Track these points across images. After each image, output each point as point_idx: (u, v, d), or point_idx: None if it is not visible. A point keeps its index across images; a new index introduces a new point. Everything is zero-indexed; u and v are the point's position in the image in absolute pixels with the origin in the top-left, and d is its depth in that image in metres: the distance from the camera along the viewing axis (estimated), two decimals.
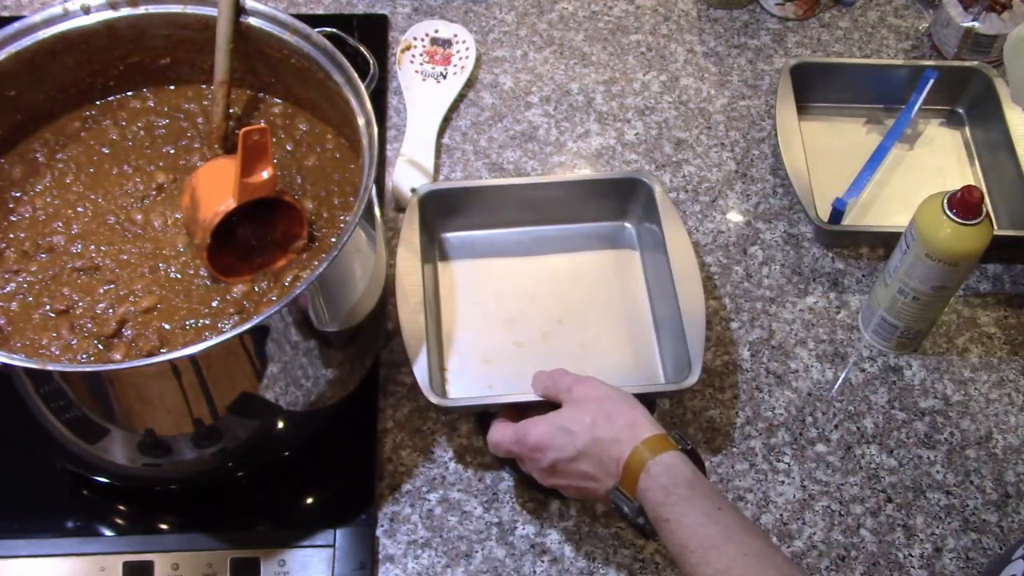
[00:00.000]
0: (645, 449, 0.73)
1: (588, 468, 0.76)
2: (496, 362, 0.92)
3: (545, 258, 0.99)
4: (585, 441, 0.76)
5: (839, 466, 0.90)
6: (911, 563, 0.86)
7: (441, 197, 0.97)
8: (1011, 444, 0.92)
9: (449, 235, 1.00)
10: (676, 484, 0.71)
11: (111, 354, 0.75)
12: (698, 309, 0.88)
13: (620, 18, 1.22)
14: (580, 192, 0.99)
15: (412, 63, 1.15)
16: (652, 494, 0.72)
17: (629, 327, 0.94)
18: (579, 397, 0.79)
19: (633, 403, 0.78)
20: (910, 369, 0.96)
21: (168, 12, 0.85)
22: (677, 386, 0.85)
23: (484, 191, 0.99)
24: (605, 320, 0.95)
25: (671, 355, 0.91)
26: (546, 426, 0.78)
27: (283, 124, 0.90)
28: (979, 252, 0.86)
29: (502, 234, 1.00)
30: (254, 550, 0.82)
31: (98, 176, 0.86)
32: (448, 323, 0.94)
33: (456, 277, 0.98)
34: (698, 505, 0.71)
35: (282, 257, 0.81)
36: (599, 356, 0.93)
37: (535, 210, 0.99)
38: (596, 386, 0.79)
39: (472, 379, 0.91)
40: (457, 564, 0.84)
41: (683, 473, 0.72)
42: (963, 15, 1.14)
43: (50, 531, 0.83)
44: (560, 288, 0.97)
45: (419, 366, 0.85)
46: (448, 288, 0.97)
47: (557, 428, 0.77)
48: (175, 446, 0.74)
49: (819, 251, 1.04)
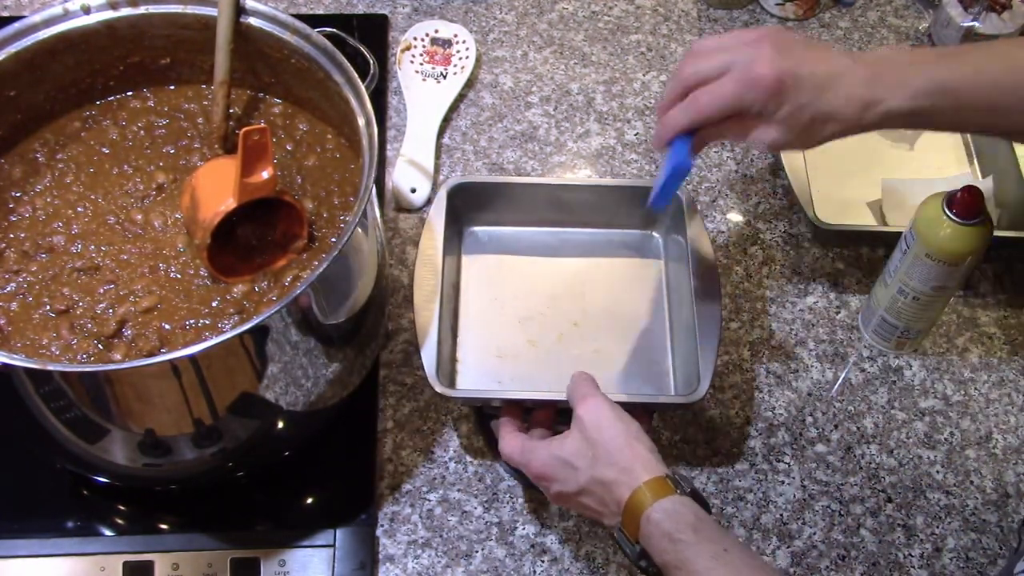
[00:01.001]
0: (645, 492, 0.71)
1: (591, 503, 0.75)
2: (508, 359, 0.92)
3: (569, 260, 0.99)
4: (586, 478, 0.74)
5: (839, 466, 0.90)
6: (911, 563, 0.86)
7: (471, 190, 0.97)
8: (1011, 444, 0.92)
9: (476, 228, 1.00)
10: (679, 530, 0.70)
11: (111, 354, 0.75)
12: (713, 326, 0.88)
13: (620, 18, 1.22)
14: (611, 197, 0.98)
15: (412, 63, 1.15)
16: (655, 541, 0.70)
17: (644, 337, 0.94)
18: (584, 422, 0.76)
19: (635, 437, 0.75)
20: (910, 369, 0.96)
21: (168, 12, 0.85)
22: (685, 399, 0.85)
23: (515, 188, 0.98)
24: (621, 328, 0.95)
25: (682, 367, 0.91)
26: (549, 457, 0.77)
27: (283, 124, 0.90)
28: (979, 252, 0.86)
29: (528, 232, 1.00)
30: (254, 550, 0.82)
31: (98, 176, 0.86)
32: (464, 315, 0.94)
33: (478, 271, 0.98)
34: (704, 549, 0.69)
35: (282, 257, 0.81)
36: (611, 362, 0.92)
37: (564, 211, 0.99)
38: (601, 412, 0.76)
39: (481, 373, 0.91)
40: (457, 564, 0.84)
41: (685, 517, 0.70)
42: (963, 15, 1.14)
43: (50, 531, 0.83)
44: (580, 291, 0.97)
45: (427, 354, 0.85)
46: (469, 281, 0.97)
47: (560, 461, 0.76)
48: (175, 446, 0.74)
49: (819, 251, 1.04)
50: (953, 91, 0.74)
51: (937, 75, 0.74)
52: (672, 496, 0.71)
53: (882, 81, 0.74)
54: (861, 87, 0.74)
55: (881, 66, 0.75)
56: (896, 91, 0.74)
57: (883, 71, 0.75)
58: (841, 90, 0.74)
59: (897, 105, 0.74)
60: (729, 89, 0.74)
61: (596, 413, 0.76)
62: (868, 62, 0.75)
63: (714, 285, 0.90)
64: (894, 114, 0.75)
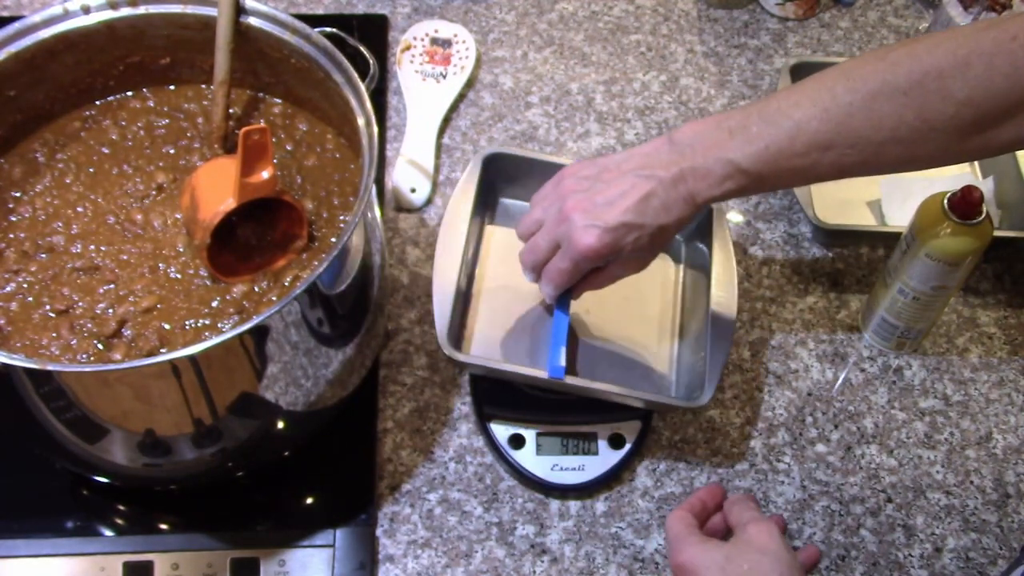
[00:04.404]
0: None
1: None
2: (515, 335, 0.92)
3: None
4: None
5: (839, 466, 0.90)
6: (911, 563, 0.86)
7: (507, 161, 0.97)
8: (1011, 444, 0.92)
9: (507, 200, 1.00)
10: None
11: (111, 354, 0.75)
12: (726, 337, 0.88)
13: (620, 18, 1.22)
14: None
15: (412, 63, 1.15)
16: None
17: (652, 335, 0.94)
18: (751, 537, 0.75)
19: (790, 570, 0.73)
20: (910, 369, 0.96)
21: (168, 12, 0.85)
22: (689, 403, 0.85)
23: (551, 167, 0.96)
24: (630, 322, 0.94)
25: (686, 371, 0.90)
26: (703, 553, 0.74)
27: (283, 124, 0.90)
28: (979, 252, 0.86)
29: None
30: (254, 550, 0.82)
31: (98, 176, 0.86)
32: (480, 285, 0.94)
33: (502, 242, 0.97)
34: None
35: (282, 257, 0.81)
36: (616, 354, 0.92)
37: None
38: (771, 535, 0.75)
39: (489, 345, 0.91)
40: (457, 564, 0.84)
41: None
42: (963, 15, 1.14)
43: (50, 531, 0.83)
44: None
45: (440, 319, 0.85)
46: (491, 251, 0.97)
47: (711, 561, 0.74)
48: (175, 446, 0.74)
49: (819, 251, 1.04)
50: (773, 158, 0.73)
51: (749, 150, 0.73)
52: None
53: (693, 175, 0.75)
54: (675, 191, 0.76)
55: (688, 154, 0.75)
56: (701, 183, 0.75)
57: (691, 161, 0.75)
58: (658, 201, 0.76)
59: (709, 194, 0.75)
60: (568, 266, 0.79)
61: (768, 534, 0.75)
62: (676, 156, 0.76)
63: (731, 297, 0.90)
64: (716, 200, 0.76)
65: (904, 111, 0.69)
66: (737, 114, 0.75)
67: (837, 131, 0.71)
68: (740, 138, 0.73)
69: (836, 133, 0.71)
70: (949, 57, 0.68)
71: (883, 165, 0.73)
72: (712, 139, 0.75)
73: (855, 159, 0.72)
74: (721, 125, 0.75)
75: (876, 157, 0.71)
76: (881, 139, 0.70)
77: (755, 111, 0.74)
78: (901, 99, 0.69)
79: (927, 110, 0.69)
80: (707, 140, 0.75)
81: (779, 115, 0.73)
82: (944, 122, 0.69)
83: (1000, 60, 0.66)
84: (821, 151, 0.72)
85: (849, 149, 0.71)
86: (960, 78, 0.67)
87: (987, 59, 0.67)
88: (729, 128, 0.74)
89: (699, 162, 0.75)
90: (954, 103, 0.68)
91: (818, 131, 0.71)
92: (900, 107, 0.69)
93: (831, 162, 0.72)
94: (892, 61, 0.70)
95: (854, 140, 0.71)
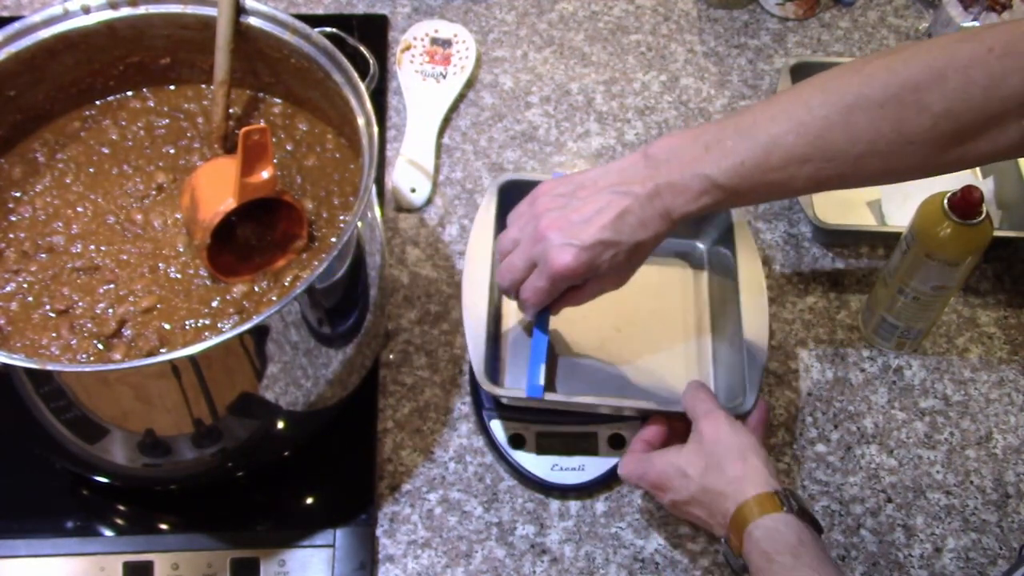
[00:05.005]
0: (752, 507, 0.71)
1: (701, 513, 0.76)
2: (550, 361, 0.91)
3: None
4: (697, 487, 0.75)
5: (839, 466, 0.90)
6: (911, 563, 0.86)
7: (523, 188, 0.96)
8: (1011, 444, 0.92)
9: None
10: (778, 551, 0.69)
11: (111, 354, 0.75)
12: (762, 342, 0.87)
13: (620, 18, 1.22)
14: None
15: (412, 63, 1.15)
16: (755, 558, 0.70)
17: (686, 347, 0.93)
18: (703, 434, 0.77)
19: (748, 452, 0.75)
20: (910, 369, 0.96)
21: (168, 12, 0.85)
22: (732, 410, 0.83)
23: None
24: (663, 335, 0.94)
25: (724, 378, 0.90)
26: (665, 465, 0.78)
27: (283, 124, 0.90)
28: (979, 252, 0.86)
29: None
30: (254, 550, 0.82)
31: (98, 176, 0.86)
32: (508, 317, 0.93)
33: None
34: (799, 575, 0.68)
35: (282, 257, 0.81)
36: (651, 371, 0.91)
37: None
38: (718, 426, 0.77)
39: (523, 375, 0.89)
40: (457, 564, 0.84)
41: (785, 538, 0.69)
42: (963, 15, 1.14)
43: (50, 531, 0.83)
44: (623, 296, 0.94)
45: (475, 356, 0.85)
46: None
47: (675, 469, 0.77)
48: (175, 446, 0.74)
49: (819, 251, 1.04)
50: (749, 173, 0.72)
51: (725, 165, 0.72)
52: (777, 514, 0.71)
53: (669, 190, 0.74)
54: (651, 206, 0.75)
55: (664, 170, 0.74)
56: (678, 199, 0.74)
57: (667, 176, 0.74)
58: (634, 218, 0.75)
59: (686, 210, 0.75)
60: (545, 285, 0.78)
61: (715, 426, 0.77)
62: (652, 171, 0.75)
63: (762, 300, 0.89)
64: (692, 215, 0.75)
65: (881, 124, 0.68)
66: (713, 128, 0.74)
67: (814, 145, 0.70)
68: (716, 153, 0.73)
69: (813, 147, 0.70)
70: (925, 70, 0.67)
71: (861, 178, 0.72)
72: (688, 154, 0.74)
73: (832, 172, 0.71)
74: (697, 140, 0.74)
75: (854, 170, 0.71)
76: (858, 152, 0.70)
77: (731, 125, 0.73)
78: (877, 112, 0.68)
79: (904, 123, 0.68)
80: (683, 155, 0.74)
81: (755, 129, 0.72)
82: (921, 135, 0.68)
83: (976, 72, 0.66)
84: (798, 165, 0.71)
85: (826, 163, 0.71)
86: (937, 91, 0.67)
87: (963, 71, 0.66)
88: (705, 143, 0.73)
89: (675, 177, 0.74)
90: (931, 116, 0.67)
91: (795, 145, 0.70)
92: (877, 120, 0.69)
93: (808, 176, 0.71)
94: (868, 74, 0.69)
95: (831, 154, 0.70)
